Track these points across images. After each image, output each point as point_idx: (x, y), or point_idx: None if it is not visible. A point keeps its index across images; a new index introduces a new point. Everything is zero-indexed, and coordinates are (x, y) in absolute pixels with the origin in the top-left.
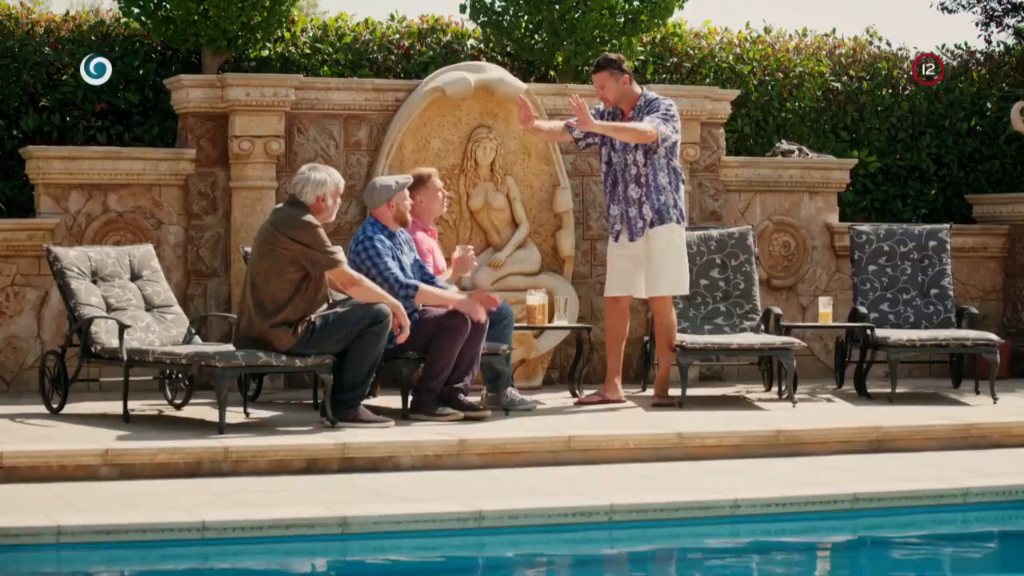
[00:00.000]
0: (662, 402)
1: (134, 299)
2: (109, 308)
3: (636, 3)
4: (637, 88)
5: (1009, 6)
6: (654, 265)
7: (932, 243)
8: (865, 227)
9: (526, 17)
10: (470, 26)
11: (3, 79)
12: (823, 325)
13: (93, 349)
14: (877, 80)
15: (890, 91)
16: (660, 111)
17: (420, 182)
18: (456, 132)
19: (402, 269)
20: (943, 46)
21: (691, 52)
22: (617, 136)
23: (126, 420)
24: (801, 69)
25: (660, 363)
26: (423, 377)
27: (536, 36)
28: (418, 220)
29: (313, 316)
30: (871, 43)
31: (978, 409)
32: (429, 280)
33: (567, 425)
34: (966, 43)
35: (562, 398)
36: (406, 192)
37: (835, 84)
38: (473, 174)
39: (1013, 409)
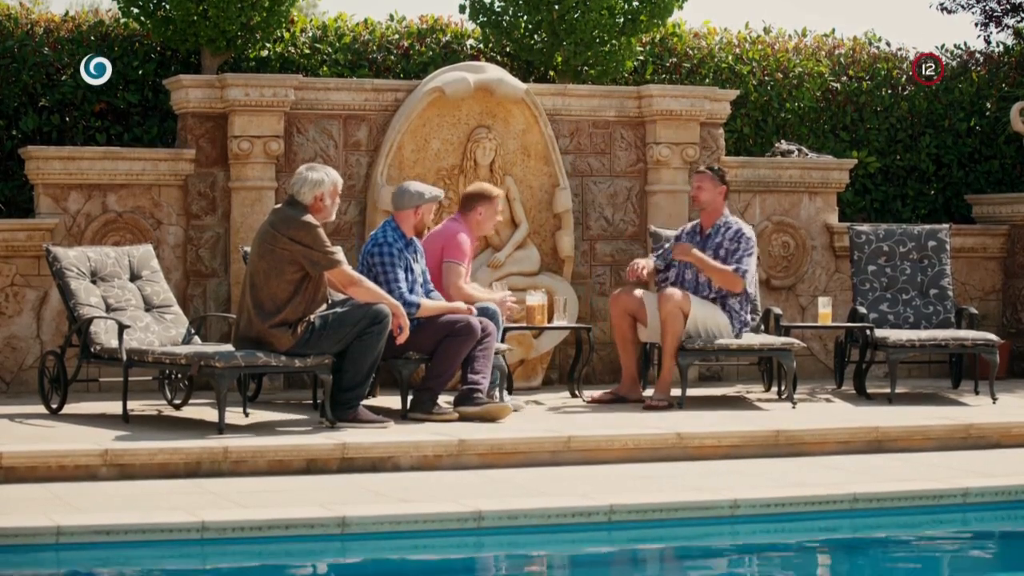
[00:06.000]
0: (655, 404)
1: (133, 299)
2: (108, 308)
3: (635, 3)
4: (725, 207)
5: (1008, 6)
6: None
7: (931, 243)
8: (864, 227)
9: (525, 17)
10: (469, 26)
11: (3, 79)
12: (822, 325)
13: (92, 349)
14: (876, 80)
15: (889, 91)
16: (746, 249)
17: (487, 199)
18: (455, 132)
19: (411, 274)
20: (942, 46)
21: (690, 52)
22: (706, 270)
23: (125, 420)
24: (800, 69)
25: (664, 363)
26: (424, 377)
27: (535, 36)
28: (470, 230)
29: (312, 316)
30: (870, 44)
31: (977, 409)
32: (429, 292)
33: (566, 425)
34: (965, 43)
35: (561, 398)
36: (433, 206)
37: (834, 84)
38: (472, 174)
39: (1012, 409)
